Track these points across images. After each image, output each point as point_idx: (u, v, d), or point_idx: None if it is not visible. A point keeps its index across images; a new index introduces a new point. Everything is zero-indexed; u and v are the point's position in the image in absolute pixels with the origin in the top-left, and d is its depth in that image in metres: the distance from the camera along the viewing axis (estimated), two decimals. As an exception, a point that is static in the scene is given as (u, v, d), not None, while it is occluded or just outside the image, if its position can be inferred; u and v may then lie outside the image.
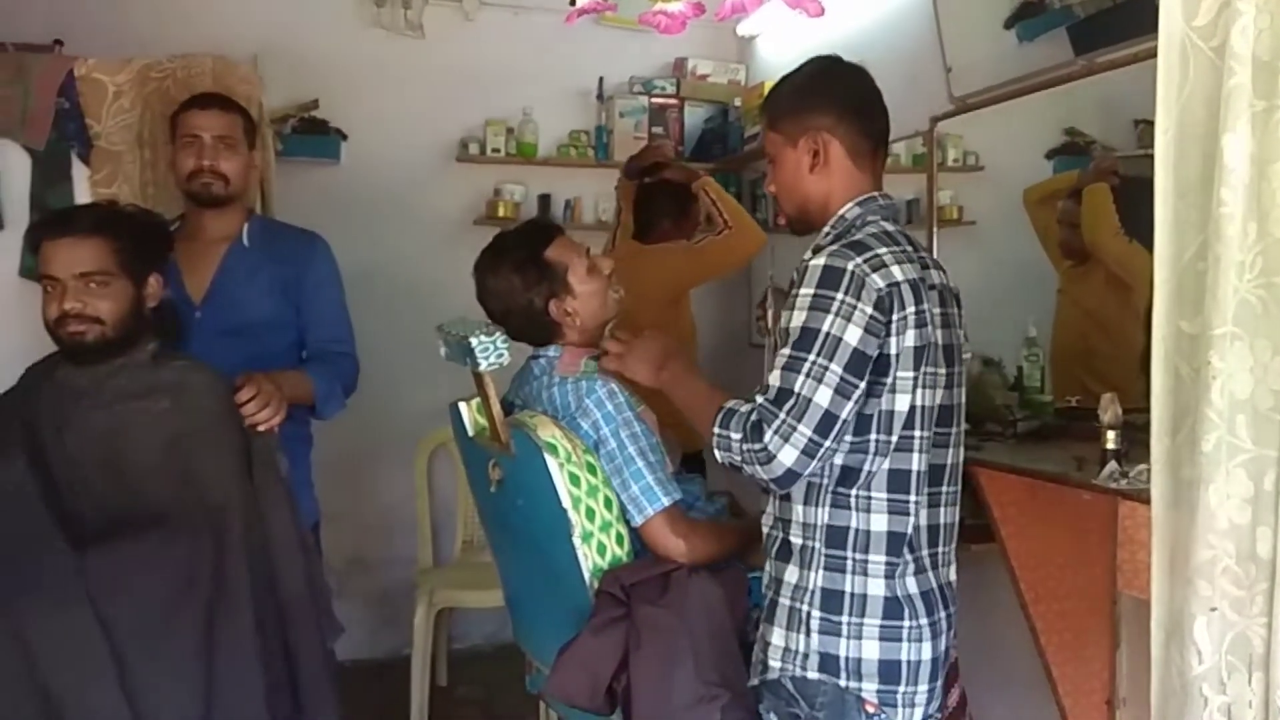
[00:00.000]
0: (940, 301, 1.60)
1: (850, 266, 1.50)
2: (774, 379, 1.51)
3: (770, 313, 3.15)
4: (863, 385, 1.49)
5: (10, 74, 2.58)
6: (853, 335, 1.48)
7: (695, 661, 1.61)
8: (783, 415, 1.47)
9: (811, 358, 1.48)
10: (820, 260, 1.53)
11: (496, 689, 3.43)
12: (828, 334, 1.48)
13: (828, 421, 1.47)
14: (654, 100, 3.85)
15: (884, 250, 1.54)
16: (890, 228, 1.61)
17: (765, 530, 1.66)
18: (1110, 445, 1.76)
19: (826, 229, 1.64)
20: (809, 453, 1.47)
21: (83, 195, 2.56)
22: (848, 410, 1.49)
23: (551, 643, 1.80)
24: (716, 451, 1.56)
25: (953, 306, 1.64)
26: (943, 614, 1.60)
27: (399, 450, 3.52)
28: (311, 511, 2.33)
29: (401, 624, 3.49)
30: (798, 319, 1.51)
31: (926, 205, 2.87)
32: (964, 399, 1.66)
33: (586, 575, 1.73)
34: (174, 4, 3.35)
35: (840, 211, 1.64)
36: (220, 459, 1.85)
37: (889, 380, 1.52)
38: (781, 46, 3.75)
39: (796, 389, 1.47)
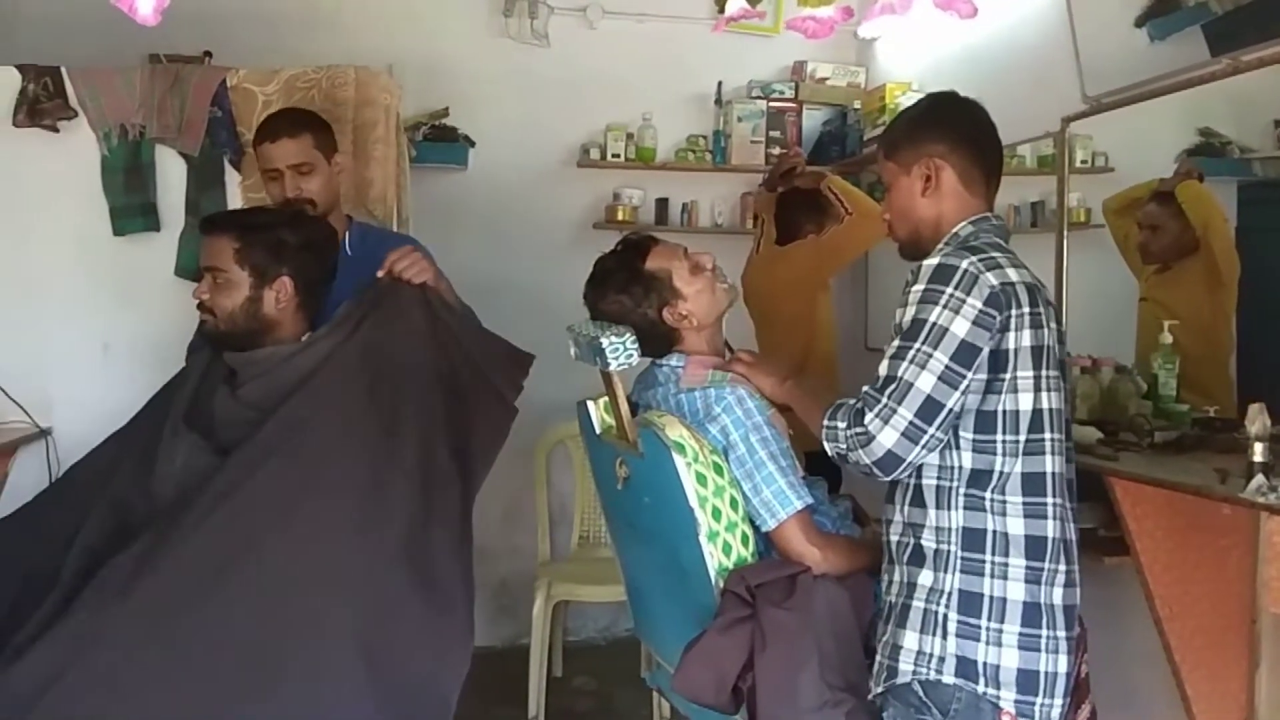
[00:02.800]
0: (1054, 314, 1.62)
1: (964, 264, 1.54)
2: (881, 368, 1.56)
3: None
4: (970, 376, 1.51)
5: (168, 84, 2.76)
6: (960, 327, 1.51)
7: (821, 665, 1.61)
8: (884, 399, 1.52)
9: (917, 345, 1.52)
10: (934, 259, 1.58)
11: (610, 681, 3.49)
12: (934, 324, 1.52)
13: (930, 407, 1.50)
14: (772, 104, 3.85)
15: (998, 255, 1.58)
16: (1004, 244, 1.64)
17: (893, 538, 1.66)
18: (1258, 458, 1.70)
19: (940, 245, 1.67)
20: (910, 436, 1.50)
21: (234, 200, 2.72)
22: (954, 399, 1.51)
23: (674, 639, 1.83)
24: (826, 444, 1.61)
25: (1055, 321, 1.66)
26: (1076, 633, 1.59)
27: (519, 446, 3.59)
28: None
29: (519, 614, 3.59)
30: (908, 313, 1.56)
31: (1056, 208, 2.81)
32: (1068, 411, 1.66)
33: (712, 574, 1.74)
34: (314, 16, 3.51)
35: (954, 229, 1.68)
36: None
37: (1008, 377, 1.54)
38: (902, 49, 3.71)
39: (899, 374, 1.52)
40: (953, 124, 1.73)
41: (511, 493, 3.71)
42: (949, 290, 1.53)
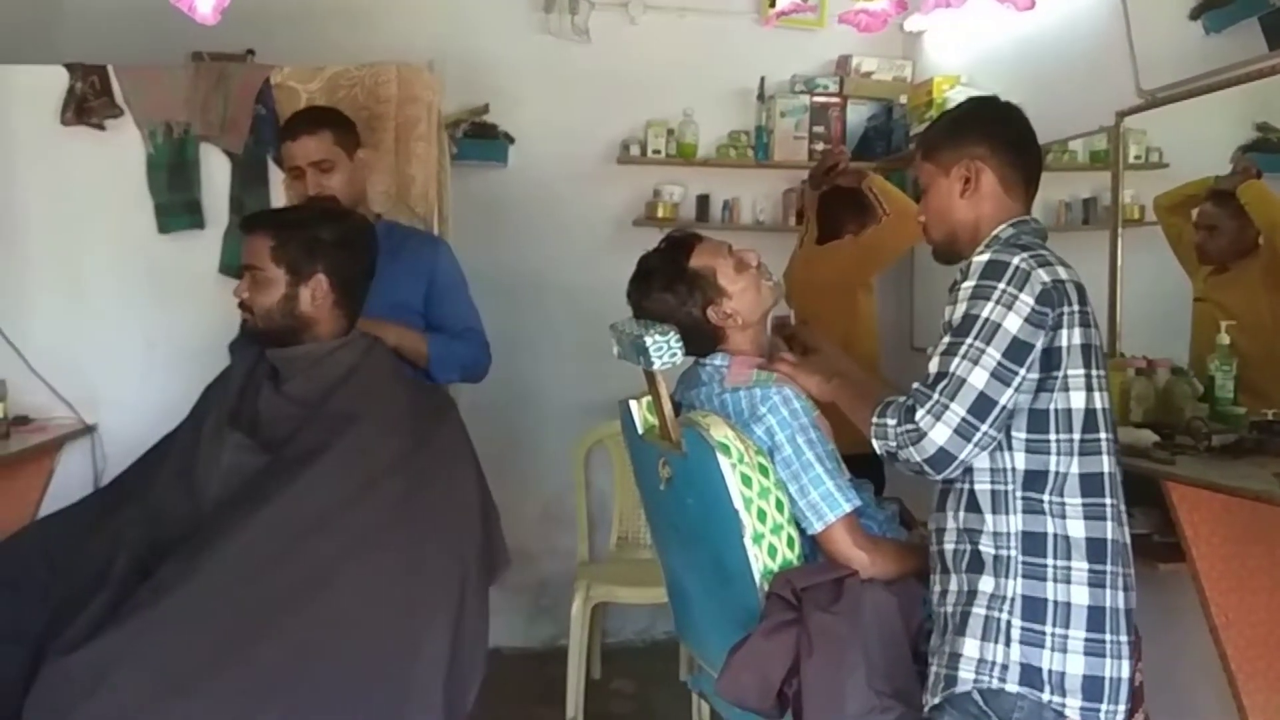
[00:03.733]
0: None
1: (1016, 260, 1.53)
2: (931, 365, 1.54)
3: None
4: (1023, 373, 1.49)
5: (212, 82, 2.78)
6: (1012, 323, 1.49)
7: (868, 671, 1.58)
8: (936, 395, 1.50)
9: (969, 341, 1.50)
10: (985, 256, 1.56)
11: (648, 683, 3.47)
12: (986, 320, 1.50)
13: (983, 404, 1.48)
14: (816, 99, 3.80)
15: (1046, 253, 1.57)
16: (1045, 247, 1.62)
17: (947, 546, 1.62)
18: (1322, 462, 1.64)
19: (981, 247, 1.64)
20: (963, 434, 1.48)
21: (278, 197, 2.73)
22: (1007, 396, 1.49)
23: (717, 642, 1.81)
24: (875, 442, 1.59)
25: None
26: (1135, 638, 1.56)
27: (558, 446, 3.60)
28: None
29: (557, 615, 3.58)
30: (959, 310, 1.54)
31: (1109, 204, 2.75)
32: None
33: (756, 577, 1.71)
34: (355, 14, 3.51)
35: (994, 232, 1.66)
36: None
37: (1060, 375, 1.52)
38: (950, 42, 3.65)
39: (951, 370, 1.50)
40: (994, 126, 1.71)
41: (550, 493, 3.71)
42: (1001, 286, 1.51)
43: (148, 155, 2.77)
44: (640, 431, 2.01)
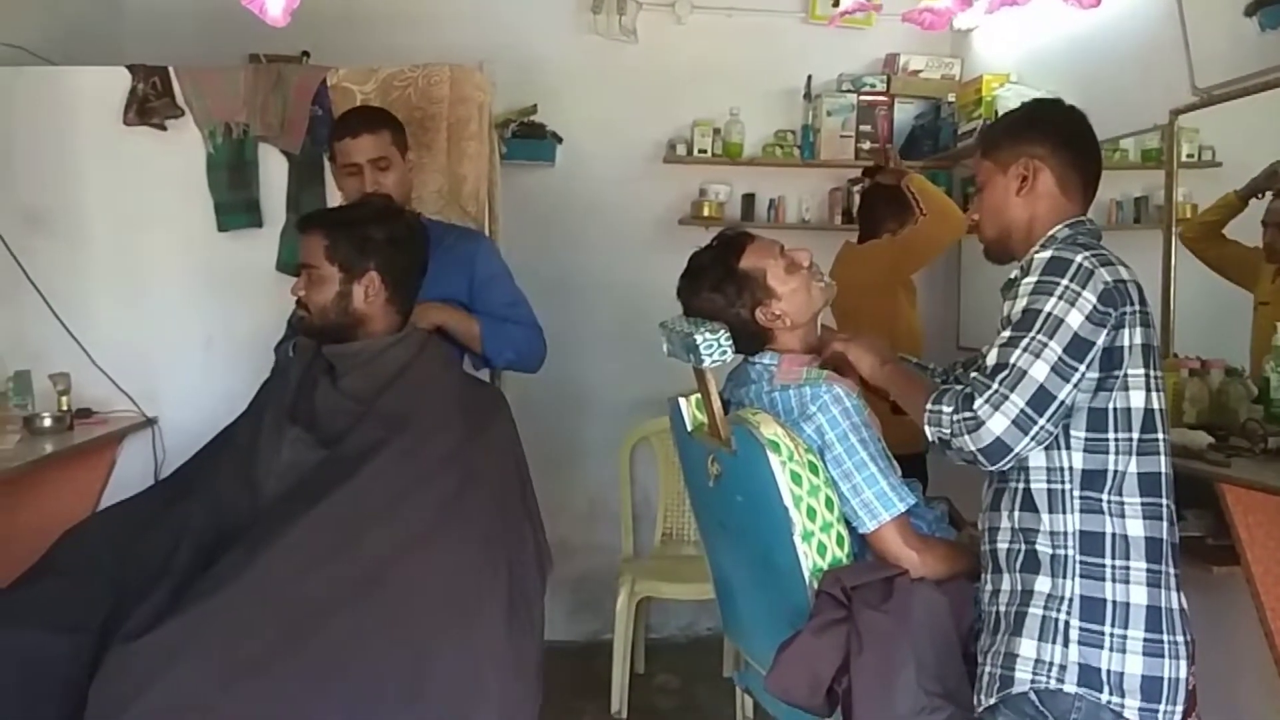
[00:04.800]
0: None
1: (1079, 258, 1.52)
2: (991, 357, 1.53)
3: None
4: (1083, 370, 1.49)
5: (270, 84, 2.84)
6: (1074, 319, 1.49)
7: (918, 670, 1.58)
8: (995, 385, 1.49)
9: (1031, 334, 1.50)
10: (1048, 252, 1.56)
11: (692, 679, 3.48)
12: (1049, 314, 1.50)
13: (1042, 397, 1.47)
14: (862, 98, 3.79)
15: (1106, 252, 1.56)
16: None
17: (1001, 546, 1.62)
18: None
19: (1039, 245, 1.64)
20: (1021, 425, 1.47)
21: (333, 196, 2.78)
22: (1066, 392, 1.48)
23: (765, 639, 1.82)
24: (927, 428, 1.58)
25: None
26: (1191, 638, 1.55)
27: (603, 443, 3.63)
28: None
29: (601, 609, 3.61)
30: (1019, 304, 1.54)
31: (1161, 203, 2.72)
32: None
33: (806, 575, 1.72)
34: (407, 15, 3.56)
35: (1050, 231, 1.66)
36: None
37: (1120, 374, 1.52)
38: (999, 39, 3.62)
39: (1012, 361, 1.49)
40: (1056, 127, 1.71)
41: (595, 489, 3.74)
42: (1065, 282, 1.51)
43: (208, 155, 2.83)
44: (689, 429, 2.03)
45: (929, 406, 1.57)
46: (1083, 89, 2.66)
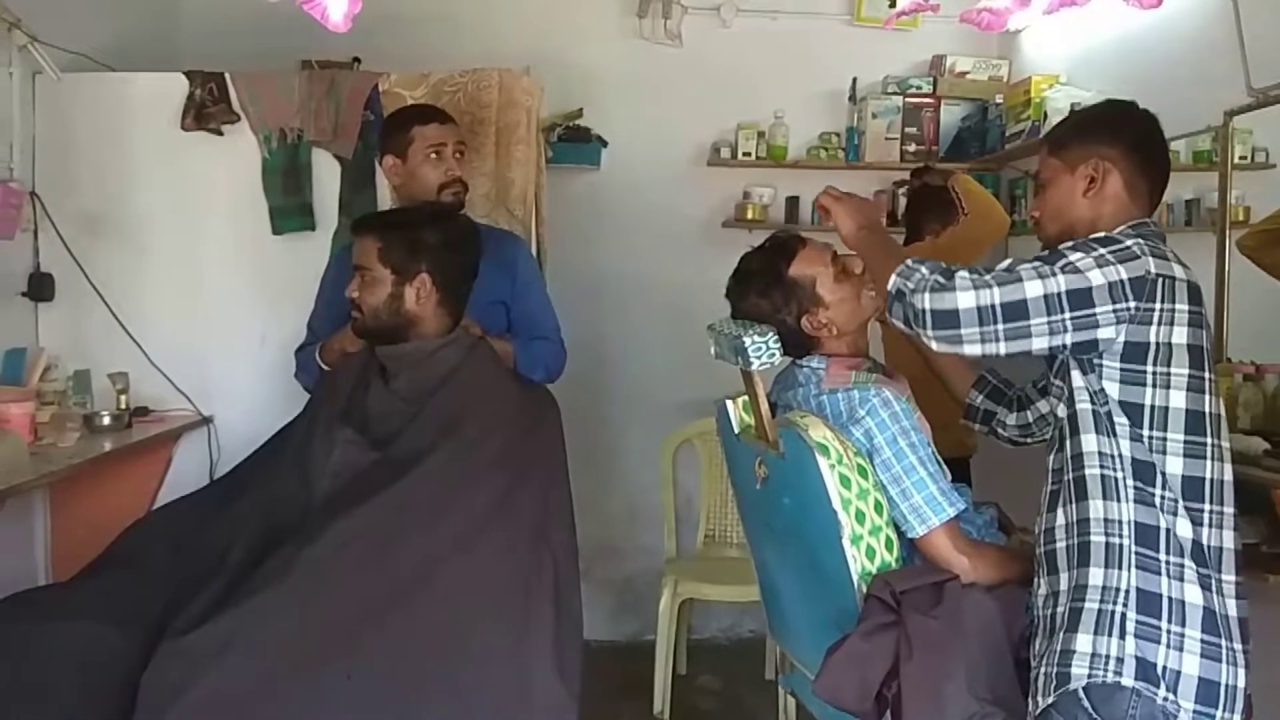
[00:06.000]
0: None
1: (1131, 243, 1.52)
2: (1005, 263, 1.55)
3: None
4: (1068, 320, 1.48)
5: (324, 89, 2.89)
6: (1095, 277, 1.48)
7: (969, 676, 1.57)
8: (986, 274, 1.51)
9: (1047, 265, 1.50)
10: (1102, 234, 1.57)
11: (734, 681, 3.49)
12: (1073, 262, 1.50)
13: (1019, 308, 1.48)
14: (908, 99, 3.77)
15: (1164, 249, 1.55)
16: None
17: (1059, 544, 1.60)
18: None
19: None
20: (982, 315, 1.48)
21: (384, 199, 2.82)
22: (1039, 323, 1.48)
23: (812, 642, 1.82)
24: (892, 279, 1.59)
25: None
26: (1251, 647, 1.51)
27: (645, 444, 3.65)
28: None
29: (643, 610, 3.63)
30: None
31: (1213, 206, 2.68)
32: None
33: (854, 578, 1.72)
34: (454, 21, 3.61)
35: (1113, 233, 1.62)
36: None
37: (1150, 370, 1.50)
38: (1048, 40, 3.59)
39: (1016, 269, 1.51)
40: (1128, 130, 1.69)
41: (637, 490, 3.76)
42: (1103, 250, 1.51)
43: (263, 159, 2.89)
44: (736, 431, 2.04)
45: (909, 263, 1.58)
46: (1134, 89, 2.60)
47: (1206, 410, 1.52)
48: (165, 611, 1.77)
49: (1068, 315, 1.48)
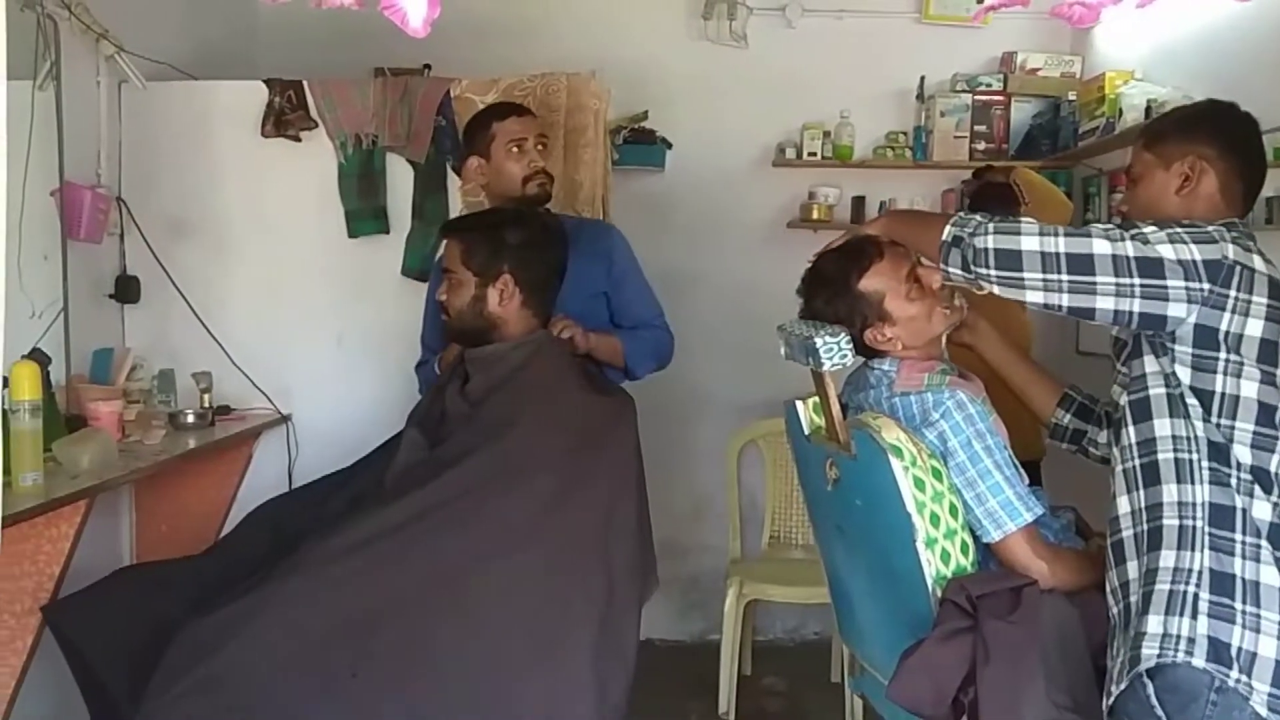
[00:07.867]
0: None
1: (1213, 229, 1.50)
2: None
3: None
4: (1137, 285, 1.46)
5: (398, 95, 2.95)
6: (1166, 251, 1.47)
7: (1047, 682, 1.55)
8: (1058, 228, 1.50)
9: (1123, 230, 1.49)
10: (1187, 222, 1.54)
11: (799, 682, 3.48)
12: (1148, 236, 1.48)
13: (1084, 262, 1.47)
14: (978, 97, 3.72)
15: (1251, 244, 1.53)
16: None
17: (1126, 531, 1.57)
18: None
19: None
20: (1045, 262, 1.48)
21: (455, 203, 2.88)
22: (1102, 284, 1.47)
23: (884, 645, 1.82)
24: (947, 229, 1.59)
25: None
26: None
27: (711, 445, 3.66)
28: None
29: (708, 610, 3.64)
30: None
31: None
32: None
33: (929, 582, 1.70)
34: (522, 25, 3.65)
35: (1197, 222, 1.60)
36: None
37: (1232, 359, 1.47)
38: (1122, 35, 3.51)
39: (1089, 230, 1.51)
40: (1228, 131, 1.66)
41: (702, 491, 3.77)
42: (1181, 230, 1.49)
43: (339, 165, 2.96)
44: (806, 432, 2.03)
45: (963, 214, 1.59)
46: (1213, 86, 2.56)
47: (1279, 404, 1.48)
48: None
49: (1137, 280, 1.47)
